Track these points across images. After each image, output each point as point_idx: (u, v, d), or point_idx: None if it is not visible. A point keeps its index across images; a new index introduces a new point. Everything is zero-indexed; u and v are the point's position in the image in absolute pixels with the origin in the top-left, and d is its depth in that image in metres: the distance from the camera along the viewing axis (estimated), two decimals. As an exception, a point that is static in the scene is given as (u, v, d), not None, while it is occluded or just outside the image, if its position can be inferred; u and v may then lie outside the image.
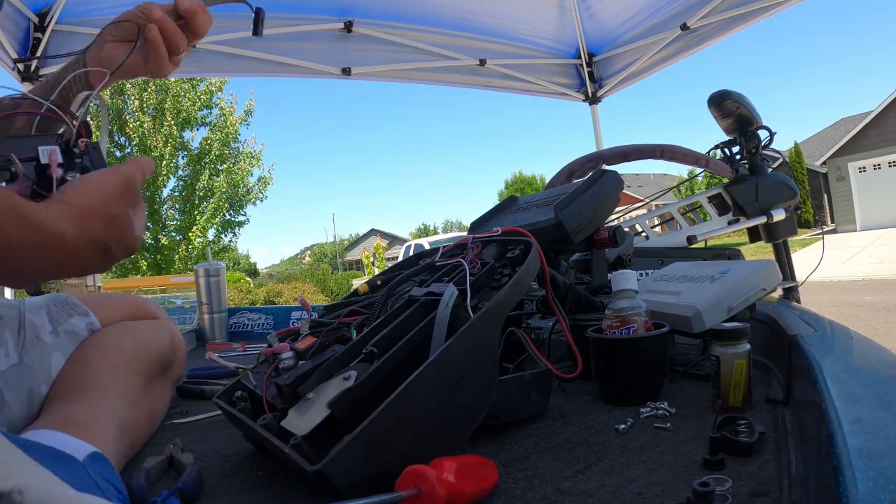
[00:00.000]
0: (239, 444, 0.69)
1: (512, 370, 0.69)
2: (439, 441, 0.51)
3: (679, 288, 0.86)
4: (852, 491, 0.29)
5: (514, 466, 0.54)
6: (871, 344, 0.66)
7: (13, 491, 0.27)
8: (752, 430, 0.53)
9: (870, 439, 0.35)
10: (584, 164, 1.69)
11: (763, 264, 0.82)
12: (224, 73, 2.63)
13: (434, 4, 2.66)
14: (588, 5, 2.84)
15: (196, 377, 1.07)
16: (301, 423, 0.51)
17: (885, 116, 15.58)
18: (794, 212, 1.77)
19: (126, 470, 0.61)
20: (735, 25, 2.52)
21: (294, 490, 0.54)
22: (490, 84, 2.96)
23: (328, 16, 2.54)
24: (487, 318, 0.55)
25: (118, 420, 0.63)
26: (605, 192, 0.98)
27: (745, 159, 1.75)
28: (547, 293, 0.76)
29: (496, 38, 2.89)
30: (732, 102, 1.68)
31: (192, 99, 11.00)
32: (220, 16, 2.39)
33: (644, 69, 2.92)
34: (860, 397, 0.45)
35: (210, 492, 0.55)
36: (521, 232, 0.70)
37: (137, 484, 0.54)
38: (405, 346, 0.54)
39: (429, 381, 0.50)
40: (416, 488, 0.43)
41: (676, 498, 0.44)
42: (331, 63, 2.59)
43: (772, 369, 0.73)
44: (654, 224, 1.84)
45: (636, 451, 0.54)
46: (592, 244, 0.99)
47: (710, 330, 0.68)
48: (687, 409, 0.64)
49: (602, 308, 0.82)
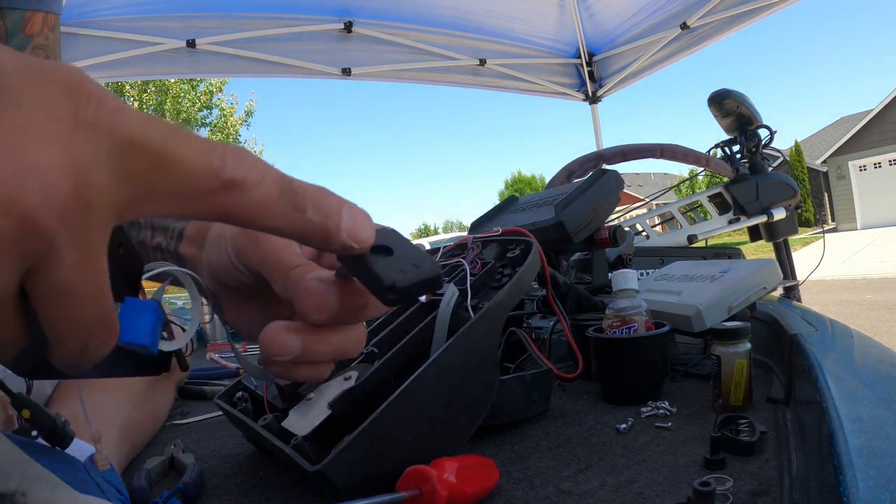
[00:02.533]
0: (240, 444, 0.69)
1: (513, 370, 0.69)
2: (440, 441, 0.51)
3: (679, 287, 0.86)
4: (853, 490, 0.29)
5: (514, 466, 0.54)
6: (872, 343, 0.66)
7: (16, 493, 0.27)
8: (752, 429, 0.53)
9: (871, 438, 0.35)
10: (583, 164, 1.69)
11: (763, 263, 0.81)
12: (224, 73, 2.62)
13: (434, 4, 2.66)
14: (588, 5, 2.84)
15: (197, 378, 1.07)
16: (302, 423, 0.51)
17: (886, 115, 15.58)
18: (794, 210, 1.77)
19: (127, 471, 0.61)
20: (735, 24, 2.52)
21: (295, 490, 0.54)
22: (490, 84, 2.97)
23: (328, 16, 2.54)
24: (488, 318, 0.55)
25: (120, 421, 0.63)
26: (606, 191, 0.98)
27: (745, 158, 1.76)
28: (548, 293, 0.76)
29: (496, 38, 2.89)
30: (732, 101, 1.68)
31: (192, 100, 11.02)
32: (220, 16, 2.40)
33: (644, 68, 2.92)
34: (861, 396, 0.45)
35: (211, 492, 0.55)
36: (522, 232, 0.70)
37: (138, 484, 0.54)
38: (406, 346, 0.54)
39: (429, 382, 0.50)
40: (417, 488, 0.43)
41: (677, 497, 0.44)
42: (331, 63, 2.59)
43: (773, 368, 0.73)
44: (655, 223, 1.84)
45: (637, 451, 0.54)
46: (593, 244, 0.99)
47: (711, 329, 0.68)
48: (688, 409, 0.64)
49: (603, 308, 0.82)
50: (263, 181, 0.21)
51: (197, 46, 2.34)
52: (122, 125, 0.19)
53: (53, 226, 0.17)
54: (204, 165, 0.20)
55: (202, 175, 0.20)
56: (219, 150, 0.21)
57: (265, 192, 0.21)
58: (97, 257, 0.19)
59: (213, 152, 0.21)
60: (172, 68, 2.42)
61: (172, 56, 2.35)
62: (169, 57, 2.34)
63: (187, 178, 0.20)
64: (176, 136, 0.20)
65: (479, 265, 0.65)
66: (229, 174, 0.21)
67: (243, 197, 0.21)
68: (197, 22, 2.35)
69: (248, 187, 0.21)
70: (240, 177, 0.21)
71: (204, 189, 0.20)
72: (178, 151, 0.20)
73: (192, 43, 2.32)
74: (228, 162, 0.21)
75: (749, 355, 0.62)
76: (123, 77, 2.45)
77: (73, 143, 0.18)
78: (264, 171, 0.22)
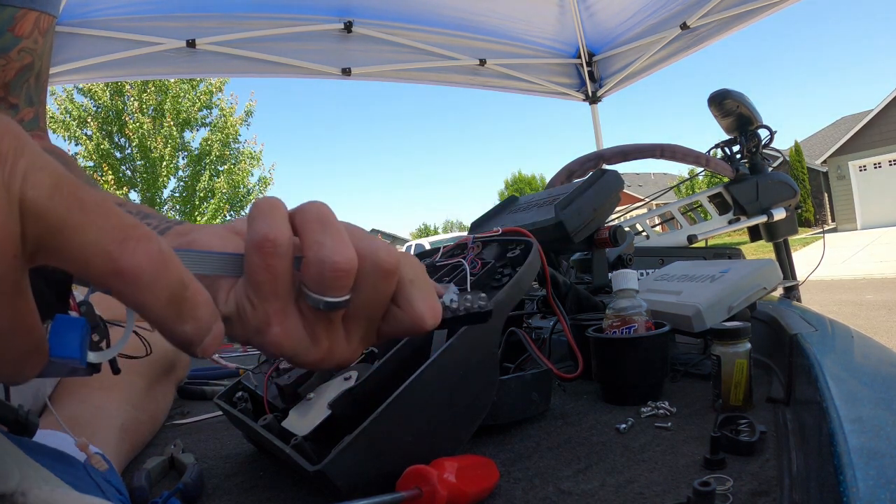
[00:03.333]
0: (240, 444, 0.69)
1: (513, 370, 0.69)
2: (440, 441, 0.51)
3: (679, 287, 0.86)
4: (853, 490, 0.29)
5: (514, 466, 0.54)
6: (872, 343, 0.66)
7: (16, 493, 0.27)
8: (752, 429, 0.53)
9: (871, 438, 0.35)
10: (583, 164, 1.69)
11: (763, 263, 0.81)
12: (224, 73, 2.62)
13: (434, 4, 2.66)
14: (588, 5, 2.84)
15: (197, 378, 1.07)
16: (302, 423, 0.51)
17: (886, 115, 15.58)
18: (794, 211, 1.77)
19: (127, 471, 0.61)
20: (735, 24, 2.52)
21: (295, 490, 0.54)
22: (490, 84, 2.97)
23: (328, 16, 2.54)
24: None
25: (120, 421, 0.63)
26: (606, 191, 0.98)
27: (745, 158, 1.76)
28: (548, 293, 0.76)
29: (496, 38, 2.89)
30: (732, 101, 1.68)
31: (192, 99, 11.00)
32: (220, 16, 2.40)
33: (644, 68, 2.92)
34: (861, 396, 0.45)
35: (211, 492, 0.55)
36: (522, 231, 0.70)
37: (138, 484, 0.54)
38: (406, 346, 0.54)
39: (430, 382, 0.50)
40: (417, 488, 0.43)
41: (677, 497, 0.44)
42: (331, 63, 2.59)
43: (773, 368, 0.73)
44: (655, 223, 1.84)
45: (637, 451, 0.54)
46: (593, 244, 0.99)
47: (711, 329, 0.68)
48: (688, 409, 0.64)
49: (603, 307, 0.82)
50: (156, 282, 0.22)
51: (197, 46, 2.34)
52: (30, 190, 0.19)
53: None
54: (100, 248, 0.21)
55: (94, 256, 0.21)
56: (120, 235, 0.21)
57: (153, 295, 0.22)
58: (24, 300, 0.20)
59: (112, 236, 0.21)
60: (172, 68, 2.42)
61: (172, 56, 2.35)
62: (169, 57, 2.34)
63: (79, 255, 0.21)
64: (80, 210, 0.20)
65: (479, 265, 0.65)
66: (122, 264, 0.21)
67: (130, 290, 0.22)
68: (197, 22, 2.36)
69: (137, 283, 0.22)
70: (131, 270, 0.21)
71: (95, 269, 0.21)
72: (77, 226, 0.20)
73: (192, 43, 2.32)
74: (127, 251, 0.21)
75: (749, 355, 0.62)
76: (123, 77, 2.45)
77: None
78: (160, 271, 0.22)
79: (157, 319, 0.23)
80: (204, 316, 0.24)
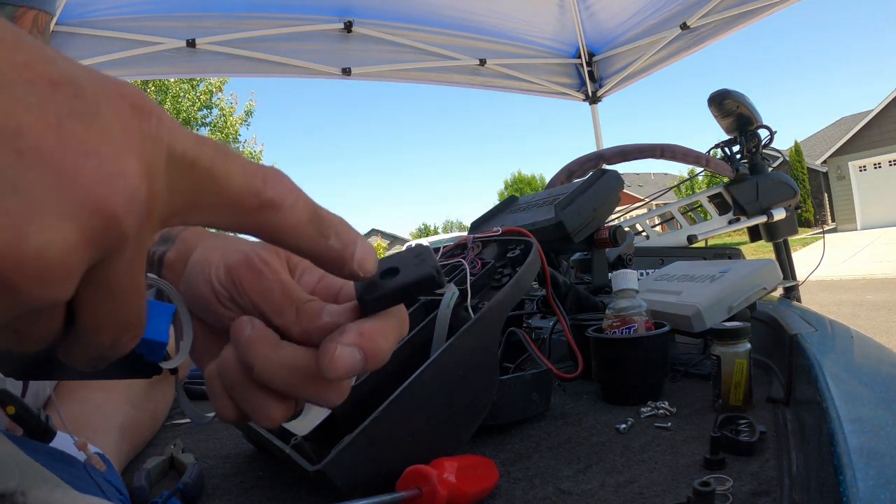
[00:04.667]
0: (239, 444, 0.69)
1: (512, 370, 0.69)
2: (440, 441, 0.51)
3: (679, 287, 0.86)
4: (853, 490, 0.29)
5: (514, 466, 0.54)
6: (872, 343, 0.66)
7: (15, 492, 0.27)
8: (752, 429, 0.53)
9: (870, 438, 0.35)
10: (583, 164, 1.69)
11: (763, 263, 0.82)
12: (224, 73, 2.62)
13: (434, 4, 2.66)
14: (588, 5, 2.84)
15: (197, 377, 1.07)
16: (301, 423, 0.51)
17: (886, 115, 15.58)
18: (794, 211, 1.77)
19: (127, 470, 0.61)
20: (735, 24, 2.52)
21: (295, 490, 0.54)
22: (490, 84, 2.97)
23: (328, 16, 2.54)
24: (488, 318, 0.55)
25: (120, 421, 0.63)
26: (606, 191, 0.98)
27: (745, 158, 1.75)
28: (547, 293, 0.76)
29: (496, 38, 2.89)
30: (732, 102, 1.68)
31: (192, 99, 11.01)
32: (220, 16, 2.40)
33: (644, 68, 2.92)
34: (861, 396, 0.45)
35: (211, 492, 0.55)
36: (522, 231, 0.70)
37: (138, 484, 0.54)
38: (406, 346, 0.54)
39: (430, 381, 0.50)
40: (417, 488, 0.43)
41: (677, 497, 0.44)
42: (331, 63, 2.59)
43: (772, 368, 0.73)
44: (655, 223, 1.84)
45: (637, 451, 0.54)
46: (593, 244, 0.99)
47: (711, 329, 0.68)
48: (688, 409, 0.64)
49: (602, 308, 0.82)
50: (297, 205, 0.23)
51: (197, 46, 2.34)
52: (179, 142, 0.20)
53: (130, 226, 0.19)
54: (246, 185, 0.22)
55: (244, 194, 0.22)
56: (260, 172, 0.23)
57: (297, 216, 0.23)
58: (143, 258, 0.21)
59: (255, 174, 0.23)
60: (172, 68, 2.42)
61: (172, 56, 2.35)
62: (169, 57, 2.34)
63: (230, 196, 0.22)
64: (223, 156, 0.22)
65: (479, 265, 0.65)
66: (268, 195, 0.23)
67: (278, 217, 0.23)
68: (197, 22, 2.35)
69: (283, 209, 0.23)
70: (277, 198, 0.23)
71: (244, 206, 0.22)
72: (224, 171, 0.22)
73: (192, 43, 2.32)
74: (269, 184, 0.23)
75: (749, 355, 0.62)
76: (123, 77, 2.43)
77: (144, 153, 0.19)
78: (298, 196, 0.24)
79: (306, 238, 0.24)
80: (343, 230, 0.25)
